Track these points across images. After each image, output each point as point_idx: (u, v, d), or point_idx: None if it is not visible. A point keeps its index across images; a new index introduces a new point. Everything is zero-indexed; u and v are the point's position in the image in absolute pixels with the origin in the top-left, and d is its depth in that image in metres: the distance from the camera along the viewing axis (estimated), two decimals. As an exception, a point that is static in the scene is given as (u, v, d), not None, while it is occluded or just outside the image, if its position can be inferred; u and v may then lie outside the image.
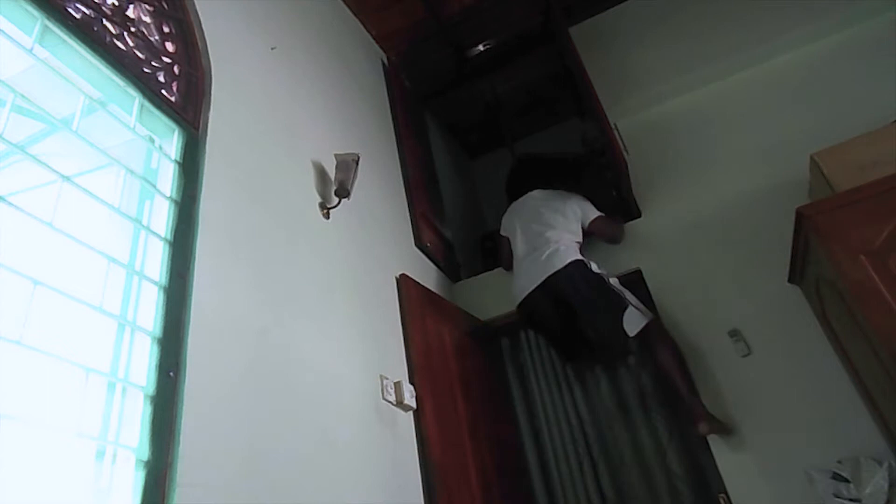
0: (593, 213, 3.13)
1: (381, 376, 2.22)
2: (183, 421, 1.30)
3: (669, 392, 2.70)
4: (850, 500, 2.21)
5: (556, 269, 2.85)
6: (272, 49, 2.48)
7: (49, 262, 1.22)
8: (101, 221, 1.43)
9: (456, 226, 4.12)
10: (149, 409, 1.27)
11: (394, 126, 3.62)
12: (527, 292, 2.93)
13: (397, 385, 2.28)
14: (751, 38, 3.47)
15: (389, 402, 2.22)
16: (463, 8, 4.01)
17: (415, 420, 2.34)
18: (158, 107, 1.69)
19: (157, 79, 1.75)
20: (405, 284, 2.72)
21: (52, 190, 1.29)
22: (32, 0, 1.39)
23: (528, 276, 2.95)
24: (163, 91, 1.74)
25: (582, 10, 4.05)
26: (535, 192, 3.27)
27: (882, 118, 2.60)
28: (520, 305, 3.02)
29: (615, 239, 3.16)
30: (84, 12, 1.56)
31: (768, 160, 3.05)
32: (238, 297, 1.68)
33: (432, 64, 4.38)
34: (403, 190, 3.36)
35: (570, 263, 2.85)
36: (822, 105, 3.09)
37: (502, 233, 3.32)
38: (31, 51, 1.39)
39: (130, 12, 1.76)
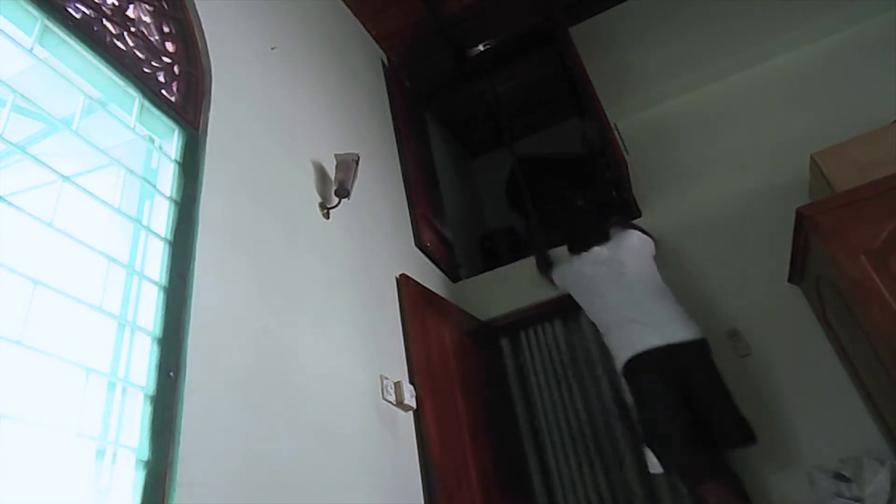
0: (650, 237, 2.82)
1: (381, 376, 2.22)
2: (183, 421, 1.30)
3: None
4: (852, 499, 2.21)
5: (685, 340, 2.41)
6: (272, 49, 2.48)
7: (49, 262, 1.22)
8: (101, 221, 1.43)
9: (456, 226, 4.12)
10: (149, 409, 1.27)
11: (394, 126, 3.62)
12: (648, 348, 2.41)
13: (397, 385, 2.28)
14: (751, 38, 3.47)
15: (389, 402, 2.22)
16: (463, 8, 4.01)
17: (415, 420, 2.34)
18: (158, 107, 1.69)
19: (157, 79, 1.75)
20: (405, 284, 2.72)
21: (52, 190, 1.29)
22: (32, 0, 1.39)
23: (645, 332, 2.45)
24: (163, 91, 1.74)
25: (582, 10, 4.05)
26: (600, 251, 2.80)
27: (882, 118, 2.60)
28: (634, 360, 2.46)
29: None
30: (84, 12, 1.56)
31: (768, 160, 3.05)
32: (238, 297, 1.67)
33: (432, 64, 4.38)
34: (403, 190, 3.36)
35: (701, 339, 2.45)
36: (822, 105, 3.10)
37: (558, 283, 2.95)
38: (31, 51, 1.39)
39: (130, 12, 1.76)
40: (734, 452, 2.42)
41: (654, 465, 2.36)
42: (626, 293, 2.62)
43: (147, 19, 1.82)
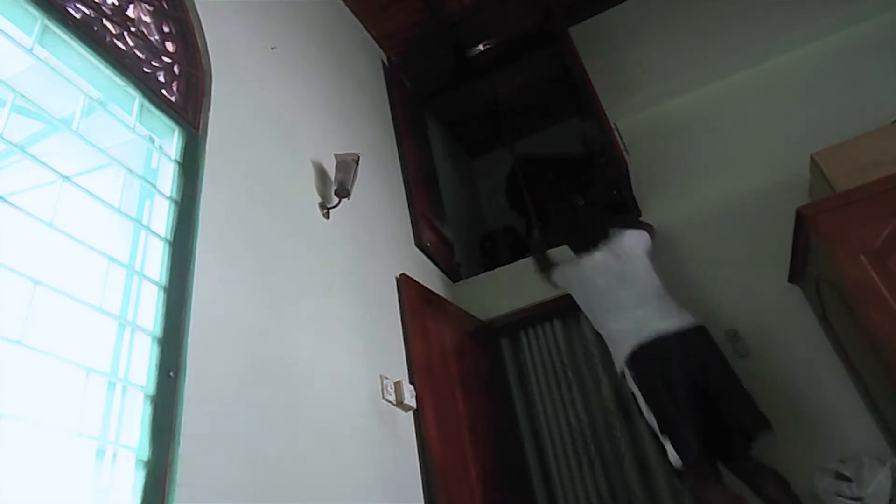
0: (645, 228, 2.85)
1: (381, 376, 2.22)
2: (183, 421, 1.30)
3: None
4: (853, 499, 2.21)
5: (691, 325, 2.40)
6: (272, 49, 2.48)
7: (49, 262, 1.22)
8: (101, 221, 1.43)
9: (456, 226, 4.12)
10: (149, 409, 1.27)
11: (394, 126, 3.62)
12: (654, 336, 2.35)
13: (397, 385, 2.28)
14: (751, 38, 3.47)
15: (389, 402, 2.22)
16: (463, 8, 4.01)
17: (415, 420, 2.34)
18: (158, 107, 1.69)
19: (157, 79, 1.75)
20: (405, 284, 2.72)
21: (52, 190, 1.29)
22: (32, 0, 1.39)
23: (649, 321, 2.42)
24: (163, 91, 1.74)
25: (582, 10, 4.05)
26: (599, 256, 2.76)
27: (882, 118, 2.60)
28: (640, 350, 2.39)
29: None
30: (84, 12, 1.56)
31: (768, 160, 3.05)
32: (238, 297, 1.68)
33: (432, 64, 4.39)
34: (403, 190, 3.36)
35: (702, 325, 2.45)
36: (822, 105, 3.10)
37: (559, 283, 2.92)
38: (31, 51, 1.38)
39: (130, 12, 1.76)
40: (752, 446, 2.28)
41: (675, 458, 2.20)
42: (626, 293, 2.60)
43: (147, 19, 1.82)
